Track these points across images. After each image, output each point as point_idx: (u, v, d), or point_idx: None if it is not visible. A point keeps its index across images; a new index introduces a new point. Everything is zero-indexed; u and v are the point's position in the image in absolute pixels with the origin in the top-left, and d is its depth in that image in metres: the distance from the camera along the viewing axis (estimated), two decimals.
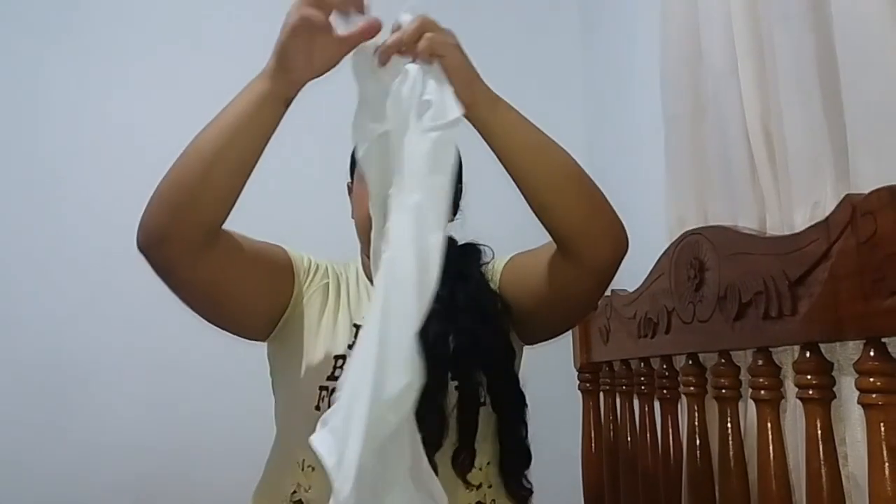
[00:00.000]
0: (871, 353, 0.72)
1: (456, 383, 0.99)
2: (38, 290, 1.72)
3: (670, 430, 1.19)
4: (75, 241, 1.75)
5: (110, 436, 1.67)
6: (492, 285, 1.08)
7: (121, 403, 1.69)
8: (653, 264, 1.22)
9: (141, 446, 1.66)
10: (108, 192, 1.77)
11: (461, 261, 1.09)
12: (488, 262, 1.12)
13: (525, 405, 1.04)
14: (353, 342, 1.00)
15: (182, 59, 1.86)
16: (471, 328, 1.01)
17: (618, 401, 1.44)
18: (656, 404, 1.25)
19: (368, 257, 1.04)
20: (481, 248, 1.13)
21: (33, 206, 1.75)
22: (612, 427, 1.46)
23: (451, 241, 1.11)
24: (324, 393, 0.98)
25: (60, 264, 1.74)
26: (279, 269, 1.04)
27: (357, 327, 1.04)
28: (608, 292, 1.50)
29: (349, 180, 1.15)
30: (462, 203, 1.14)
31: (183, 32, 1.87)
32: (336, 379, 0.97)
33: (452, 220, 1.10)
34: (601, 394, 1.52)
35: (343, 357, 1.00)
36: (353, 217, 1.11)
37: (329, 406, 0.91)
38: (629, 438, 1.34)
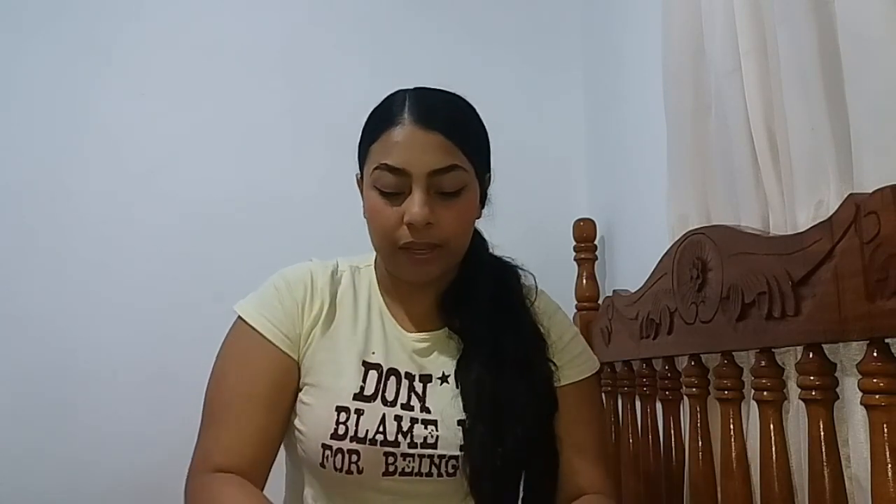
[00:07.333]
0: (875, 354, 0.72)
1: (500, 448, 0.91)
2: (40, 293, 1.72)
3: (672, 432, 1.19)
4: (77, 244, 1.75)
5: (110, 438, 1.67)
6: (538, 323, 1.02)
7: (121, 406, 1.69)
8: (655, 264, 1.22)
9: (141, 448, 1.66)
10: (109, 194, 1.78)
11: (506, 294, 1.02)
12: (533, 300, 1.05)
13: (558, 467, 0.98)
14: (362, 387, 0.95)
15: (178, 59, 1.85)
16: (515, 383, 0.94)
17: (619, 402, 1.43)
18: (658, 405, 1.25)
19: (388, 271, 1.00)
20: (521, 271, 1.06)
21: (34, 207, 1.75)
22: (614, 428, 1.45)
23: (493, 260, 1.06)
24: (328, 452, 0.92)
25: (62, 267, 1.74)
26: (291, 386, 0.97)
27: (367, 365, 0.97)
28: (610, 292, 1.49)
29: (358, 172, 1.01)
30: (490, 191, 1.04)
31: (178, 32, 1.86)
32: (340, 438, 0.91)
33: (480, 215, 1.02)
34: (603, 395, 1.51)
35: (346, 409, 0.93)
36: (364, 216, 0.98)
37: (335, 464, 0.91)
38: (631, 440, 1.33)
